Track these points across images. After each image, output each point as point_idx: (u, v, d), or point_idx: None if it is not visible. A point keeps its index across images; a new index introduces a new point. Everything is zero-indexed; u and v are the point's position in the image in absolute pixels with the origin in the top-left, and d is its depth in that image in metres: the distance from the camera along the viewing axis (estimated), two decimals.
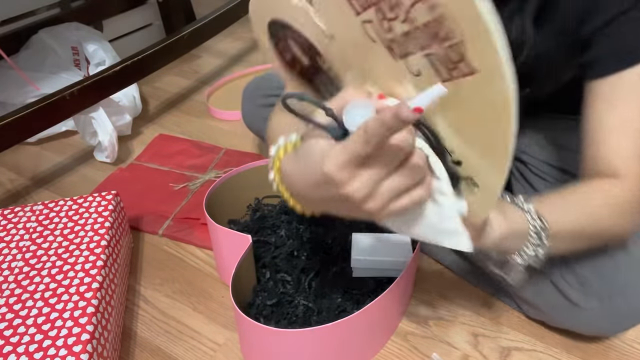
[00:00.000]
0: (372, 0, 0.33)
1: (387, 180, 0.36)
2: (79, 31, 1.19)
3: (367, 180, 0.35)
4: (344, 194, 0.35)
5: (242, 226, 0.80)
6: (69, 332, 0.57)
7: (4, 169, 1.08)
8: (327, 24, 0.39)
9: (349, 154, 0.34)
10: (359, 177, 0.35)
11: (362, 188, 0.35)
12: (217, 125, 1.18)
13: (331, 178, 0.35)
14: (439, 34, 0.31)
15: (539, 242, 0.48)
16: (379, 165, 0.35)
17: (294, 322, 0.66)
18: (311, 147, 0.37)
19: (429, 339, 0.68)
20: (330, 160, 0.35)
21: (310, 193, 0.39)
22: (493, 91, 0.31)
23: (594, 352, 0.65)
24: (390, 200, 0.36)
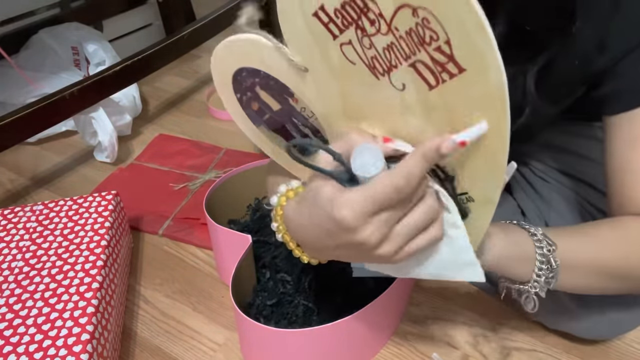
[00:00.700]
0: (351, 19, 0.33)
1: (403, 221, 0.35)
2: (79, 31, 1.19)
3: (383, 223, 0.34)
4: (358, 240, 0.34)
5: (242, 226, 0.80)
6: (69, 332, 0.57)
7: (4, 169, 1.08)
8: (301, 56, 0.38)
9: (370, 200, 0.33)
10: (374, 221, 0.33)
11: (377, 232, 0.34)
12: (217, 125, 1.18)
13: (344, 224, 0.33)
14: (424, 38, 0.30)
15: (548, 267, 0.45)
16: (396, 207, 0.34)
17: (294, 322, 0.66)
18: (318, 194, 0.36)
19: (429, 339, 0.68)
20: (342, 206, 0.33)
21: (319, 241, 0.38)
22: (486, 84, 0.30)
23: (593, 352, 0.65)
24: (407, 242, 0.35)
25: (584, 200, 0.64)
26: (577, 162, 0.66)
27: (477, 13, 0.27)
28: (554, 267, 0.45)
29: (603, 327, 0.62)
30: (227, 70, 0.45)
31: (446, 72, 0.31)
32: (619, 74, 0.47)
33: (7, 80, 1.09)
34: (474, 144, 0.33)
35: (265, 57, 0.40)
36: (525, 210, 0.69)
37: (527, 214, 0.68)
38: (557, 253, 0.45)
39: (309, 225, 0.37)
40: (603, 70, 0.48)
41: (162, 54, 1.13)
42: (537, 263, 0.45)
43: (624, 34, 0.46)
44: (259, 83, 0.43)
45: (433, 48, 0.30)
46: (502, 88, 0.30)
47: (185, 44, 1.19)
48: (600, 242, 0.48)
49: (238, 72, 0.44)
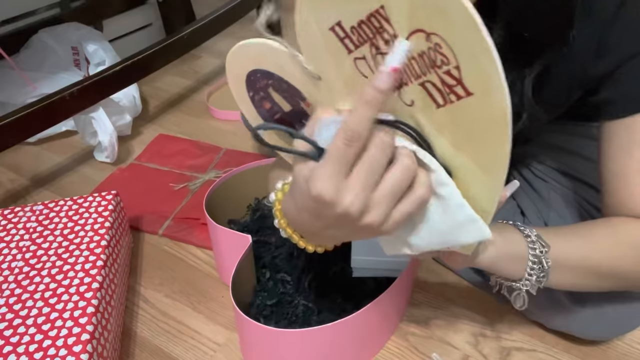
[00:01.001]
0: (367, 37, 0.34)
1: (381, 185, 0.34)
2: (79, 31, 1.19)
3: (359, 189, 0.33)
4: (341, 211, 0.34)
5: (242, 226, 0.80)
6: (69, 332, 0.57)
7: (4, 169, 1.08)
8: (315, 65, 0.39)
9: (332, 163, 0.33)
10: (349, 188, 0.33)
11: (356, 199, 0.33)
12: (217, 125, 1.18)
13: (322, 198, 0.34)
14: (435, 61, 0.31)
15: (540, 267, 0.46)
16: (366, 172, 0.33)
17: (294, 322, 0.66)
18: (296, 177, 0.36)
19: (429, 339, 0.68)
20: (315, 181, 0.34)
21: (311, 224, 0.38)
22: (490, 108, 0.31)
23: (593, 352, 0.65)
24: (390, 206, 0.35)
25: (583, 200, 0.64)
26: (577, 162, 0.66)
27: (487, 42, 0.28)
28: (546, 268, 0.46)
29: (602, 327, 0.62)
30: (242, 70, 0.46)
31: (454, 94, 0.32)
32: (617, 81, 0.48)
33: (7, 80, 1.09)
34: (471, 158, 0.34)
35: (281, 62, 0.41)
36: (525, 210, 0.69)
37: (527, 213, 0.68)
38: (549, 254, 0.46)
39: (299, 211, 0.38)
40: (601, 76, 0.49)
41: (162, 54, 1.13)
42: (529, 263, 0.46)
43: (624, 41, 0.46)
44: (272, 85, 0.44)
45: (443, 71, 0.31)
46: (505, 112, 0.31)
47: (185, 44, 1.19)
48: (591, 243, 0.49)
49: (252, 73, 0.45)
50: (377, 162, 0.34)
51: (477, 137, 0.34)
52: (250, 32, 0.46)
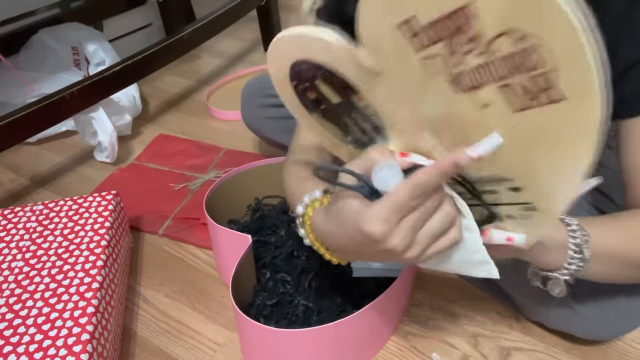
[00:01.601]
0: (441, 36, 0.32)
1: (425, 228, 0.38)
2: (79, 31, 1.19)
3: (407, 232, 0.37)
4: (387, 248, 0.37)
5: (242, 226, 0.80)
6: (69, 332, 0.57)
7: (4, 169, 1.08)
8: (376, 60, 0.37)
9: (392, 209, 0.36)
10: (400, 230, 0.37)
11: (403, 240, 0.37)
12: (217, 125, 1.18)
13: (372, 237, 0.37)
14: (525, 64, 0.30)
15: (580, 256, 0.46)
16: (418, 219, 0.37)
17: (294, 322, 0.66)
18: (345, 207, 0.39)
19: (429, 339, 0.68)
20: (368, 219, 0.36)
21: (350, 248, 0.41)
22: (584, 112, 0.30)
23: (593, 352, 0.65)
24: (429, 245, 0.39)
25: (592, 207, 0.64)
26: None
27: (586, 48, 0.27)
28: (586, 257, 0.46)
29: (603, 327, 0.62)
30: (287, 59, 0.43)
31: (543, 97, 0.31)
32: (631, 81, 0.48)
33: (7, 81, 1.09)
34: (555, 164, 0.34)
35: (334, 54, 0.39)
36: None
37: None
38: (589, 243, 0.46)
39: (339, 236, 0.41)
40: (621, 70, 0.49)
41: (162, 54, 1.13)
42: (569, 252, 0.46)
43: (636, 42, 0.46)
44: (321, 76, 0.42)
45: (534, 74, 0.30)
46: (598, 119, 0.30)
47: (185, 44, 1.19)
48: (630, 233, 0.49)
49: (299, 62, 0.42)
50: (428, 212, 0.37)
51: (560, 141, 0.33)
52: (251, 32, 0.45)
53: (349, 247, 0.41)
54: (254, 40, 1.57)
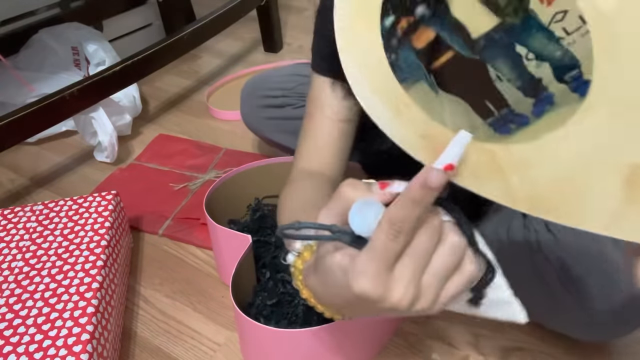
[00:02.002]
0: None
1: (429, 270, 0.31)
2: (79, 31, 1.19)
3: (408, 281, 0.30)
4: (389, 306, 0.31)
5: (242, 226, 0.80)
6: (69, 332, 0.57)
7: (4, 169, 1.08)
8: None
9: (377, 259, 0.29)
10: (398, 281, 0.30)
11: (406, 293, 0.30)
12: (217, 125, 1.18)
13: (367, 297, 0.30)
14: None
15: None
16: (415, 261, 0.30)
17: (294, 322, 0.66)
18: (328, 265, 0.32)
19: (429, 339, 0.68)
20: (358, 278, 0.30)
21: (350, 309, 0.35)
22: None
23: (593, 352, 0.65)
24: (440, 289, 0.32)
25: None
26: None
27: None
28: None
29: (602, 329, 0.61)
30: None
31: None
32: None
33: (7, 81, 1.09)
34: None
35: None
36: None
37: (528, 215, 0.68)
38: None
39: (335, 298, 0.34)
40: None
41: (162, 54, 1.13)
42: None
43: None
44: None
45: None
46: None
47: (185, 44, 1.19)
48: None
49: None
50: (425, 249, 0.30)
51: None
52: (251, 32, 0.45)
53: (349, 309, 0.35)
54: (254, 40, 1.57)
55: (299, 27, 1.65)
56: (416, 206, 0.28)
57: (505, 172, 0.28)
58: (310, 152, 0.61)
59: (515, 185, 0.28)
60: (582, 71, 0.24)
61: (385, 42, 0.28)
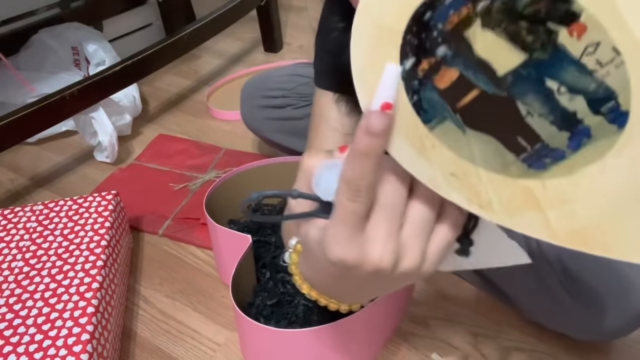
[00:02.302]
0: None
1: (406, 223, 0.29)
2: (79, 31, 1.19)
3: (384, 238, 0.28)
4: (371, 269, 0.29)
5: (242, 226, 0.80)
6: (69, 332, 0.57)
7: (4, 169, 1.08)
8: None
9: (344, 223, 0.28)
10: (373, 240, 0.28)
11: (385, 250, 0.28)
12: (217, 125, 1.18)
13: (345, 263, 0.29)
14: None
15: None
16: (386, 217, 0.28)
17: (294, 322, 0.66)
18: (307, 242, 0.32)
19: (429, 339, 0.68)
20: (331, 245, 0.29)
21: (340, 288, 0.34)
22: None
23: (593, 352, 0.65)
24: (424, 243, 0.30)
25: None
26: None
27: None
28: None
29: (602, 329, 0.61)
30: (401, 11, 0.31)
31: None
32: None
33: (7, 81, 1.09)
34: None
35: None
36: None
37: None
38: None
39: (321, 277, 0.33)
40: None
41: (162, 54, 1.13)
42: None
43: None
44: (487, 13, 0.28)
45: None
46: None
47: (185, 44, 1.19)
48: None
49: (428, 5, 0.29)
50: (393, 202, 0.29)
51: None
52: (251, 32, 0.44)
53: (339, 286, 0.33)
54: (254, 40, 1.57)
55: (299, 27, 1.65)
56: (366, 158, 0.26)
57: (542, 208, 0.27)
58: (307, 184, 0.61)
59: (553, 221, 0.27)
60: (619, 102, 0.23)
61: (406, 84, 0.28)
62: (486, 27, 0.25)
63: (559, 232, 0.27)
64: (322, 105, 0.60)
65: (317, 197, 0.30)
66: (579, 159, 0.25)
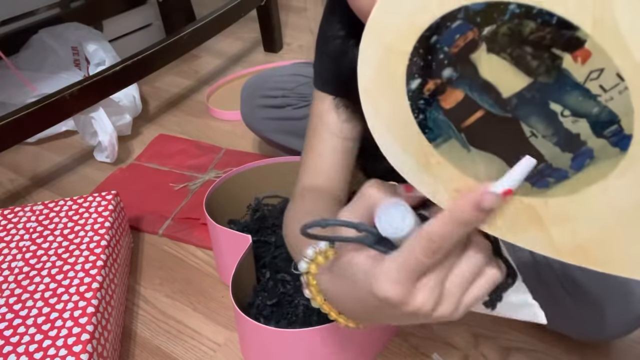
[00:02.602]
0: None
1: (452, 277, 0.30)
2: (79, 31, 1.19)
3: (432, 286, 0.30)
4: (411, 311, 0.30)
5: (242, 226, 0.80)
6: (69, 332, 0.57)
7: (4, 169, 1.08)
8: None
9: (407, 270, 0.29)
10: (423, 287, 0.30)
11: (429, 298, 0.30)
12: (217, 125, 1.18)
13: (388, 299, 0.30)
14: None
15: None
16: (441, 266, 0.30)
17: (294, 322, 0.66)
18: (351, 267, 0.32)
19: (429, 339, 0.68)
20: (382, 282, 0.29)
21: (367, 314, 0.34)
22: None
23: (593, 352, 0.65)
24: (463, 294, 0.31)
25: None
26: None
27: None
28: None
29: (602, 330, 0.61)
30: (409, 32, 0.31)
31: None
32: None
33: (7, 81, 1.09)
34: None
35: None
36: None
37: None
38: None
39: (352, 301, 0.34)
40: None
41: (162, 54, 1.13)
42: None
43: None
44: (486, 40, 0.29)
45: None
46: None
47: (185, 44, 1.19)
48: None
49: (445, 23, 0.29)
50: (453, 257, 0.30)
51: None
52: (251, 32, 0.44)
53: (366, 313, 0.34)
54: (254, 40, 1.57)
55: (299, 27, 1.65)
56: (461, 227, 0.27)
57: (545, 225, 0.28)
58: (316, 168, 0.60)
59: (556, 238, 0.28)
60: (622, 126, 0.24)
61: (413, 104, 0.29)
62: (491, 52, 0.25)
63: (562, 248, 0.28)
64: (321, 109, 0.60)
65: (378, 232, 0.31)
66: (582, 179, 0.26)
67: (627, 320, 0.60)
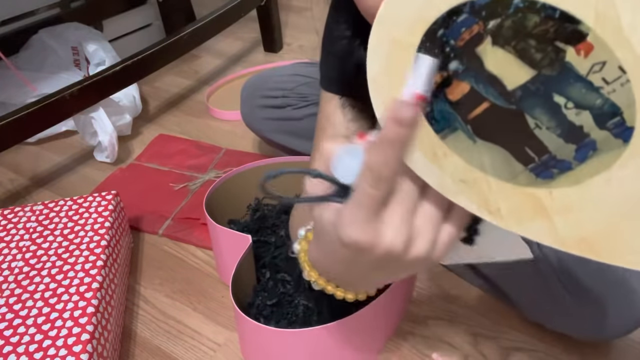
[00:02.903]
0: None
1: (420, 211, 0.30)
2: (79, 31, 1.19)
3: (398, 222, 0.29)
4: (382, 252, 0.30)
5: (242, 226, 0.80)
6: (69, 332, 0.57)
7: (4, 169, 1.08)
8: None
9: (363, 207, 0.29)
10: (387, 225, 0.30)
11: (398, 234, 0.30)
12: (217, 125, 1.18)
13: (358, 245, 0.30)
14: None
15: None
16: (402, 201, 0.30)
17: (294, 322, 0.66)
18: (322, 227, 0.32)
19: (429, 339, 0.68)
20: (345, 227, 0.29)
21: (350, 272, 0.34)
22: None
23: (593, 352, 0.65)
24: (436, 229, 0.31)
25: None
26: None
27: None
28: None
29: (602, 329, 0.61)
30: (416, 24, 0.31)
31: None
32: None
33: (7, 81, 1.09)
34: None
35: None
36: None
37: None
38: None
39: (332, 261, 0.34)
40: None
41: (162, 54, 1.13)
42: None
43: None
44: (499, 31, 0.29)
45: None
46: None
47: (185, 44, 1.19)
48: None
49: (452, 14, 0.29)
50: (412, 191, 0.30)
51: None
52: (251, 32, 0.44)
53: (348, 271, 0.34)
54: (254, 40, 1.57)
55: (299, 27, 1.65)
56: (392, 147, 0.27)
57: (549, 216, 0.28)
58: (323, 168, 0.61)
59: (560, 228, 0.28)
60: (624, 118, 0.24)
61: None
62: (496, 45, 0.26)
63: (566, 239, 0.28)
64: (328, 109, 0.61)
65: (335, 179, 0.31)
66: (586, 170, 0.26)
67: (628, 319, 0.60)
